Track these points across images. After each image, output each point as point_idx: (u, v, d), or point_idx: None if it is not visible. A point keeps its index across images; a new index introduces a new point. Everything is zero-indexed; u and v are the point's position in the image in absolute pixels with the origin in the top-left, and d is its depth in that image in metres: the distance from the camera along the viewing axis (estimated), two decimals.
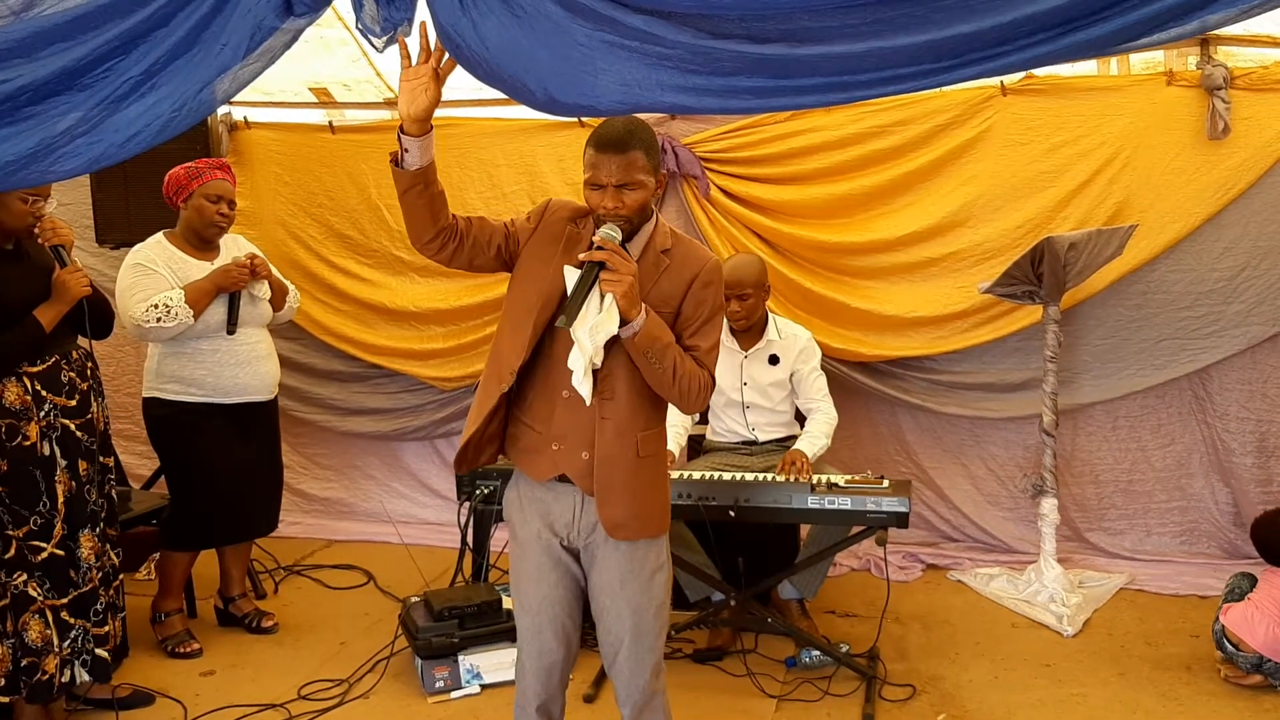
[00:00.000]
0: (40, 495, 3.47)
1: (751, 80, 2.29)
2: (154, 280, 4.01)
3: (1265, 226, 4.60)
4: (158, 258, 4.07)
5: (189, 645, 4.27)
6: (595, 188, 2.53)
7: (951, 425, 5.19)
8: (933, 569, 5.01)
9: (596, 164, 2.51)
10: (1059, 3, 2.05)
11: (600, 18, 2.31)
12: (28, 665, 3.46)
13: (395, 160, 2.51)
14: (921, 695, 3.78)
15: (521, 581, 2.76)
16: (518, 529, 2.77)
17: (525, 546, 2.74)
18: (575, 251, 2.58)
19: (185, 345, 4.09)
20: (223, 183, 4.15)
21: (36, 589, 3.47)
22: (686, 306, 2.65)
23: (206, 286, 4.07)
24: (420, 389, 5.72)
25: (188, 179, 4.09)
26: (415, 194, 2.52)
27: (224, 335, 4.14)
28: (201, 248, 4.18)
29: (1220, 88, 4.45)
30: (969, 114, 4.82)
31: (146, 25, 2.56)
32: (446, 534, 5.42)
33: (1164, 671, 3.87)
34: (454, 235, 2.62)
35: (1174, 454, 4.95)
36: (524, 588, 2.75)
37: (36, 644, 3.46)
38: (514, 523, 2.78)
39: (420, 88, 2.42)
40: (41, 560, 3.49)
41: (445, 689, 3.85)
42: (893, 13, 2.13)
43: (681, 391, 2.60)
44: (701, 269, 2.66)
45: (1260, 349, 4.72)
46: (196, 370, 4.11)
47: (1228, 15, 2.06)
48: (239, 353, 4.20)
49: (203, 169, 4.11)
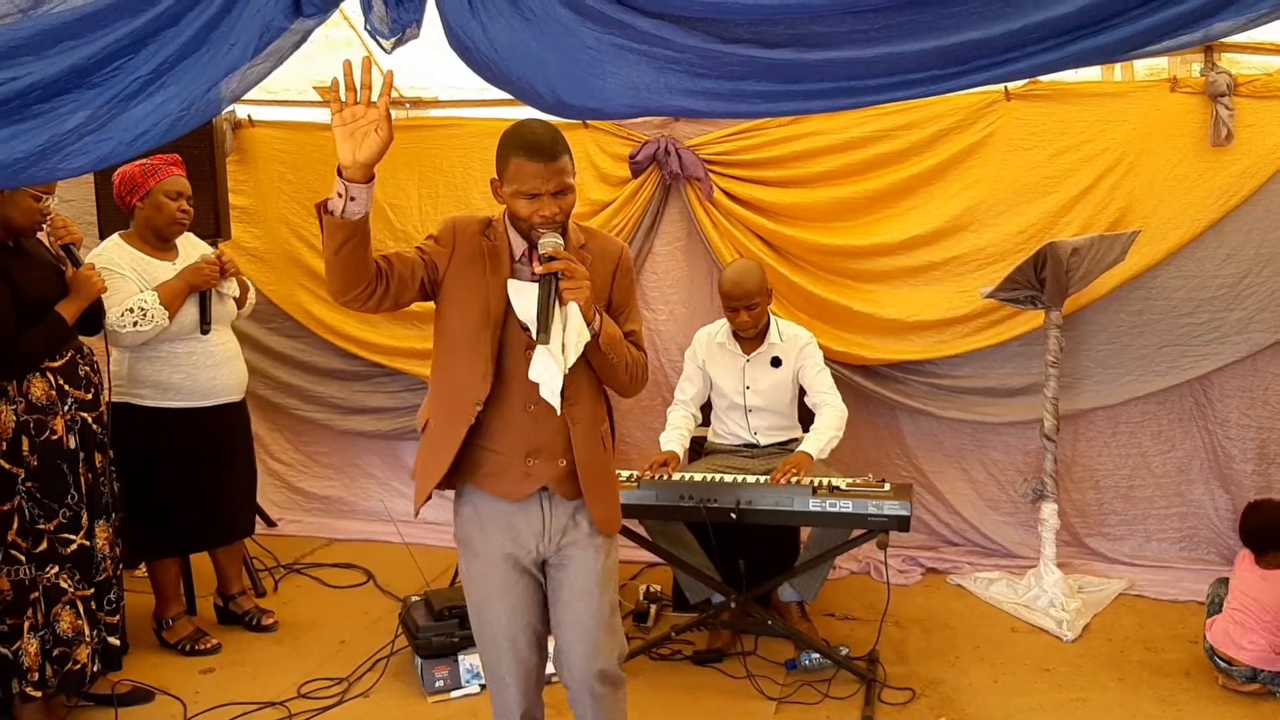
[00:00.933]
0: (69, 488, 3.54)
1: (760, 84, 2.29)
2: (123, 284, 3.94)
3: (1268, 234, 4.60)
4: (121, 260, 4.00)
5: (206, 642, 4.27)
6: (531, 197, 2.50)
7: (952, 429, 5.20)
8: (932, 573, 5.02)
9: (531, 173, 2.48)
10: (1068, 10, 2.05)
11: (610, 21, 2.31)
12: (59, 655, 3.51)
13: (327, 208, 2.32)
14: (921, 699, 3.78)
15: (488, 598, 2.71)
16: (477, 547, 2.70)
17: (489, 563, 2.69)
18: (500, 265, 2.58)
19: (158, 349, 4.05)
20: (180, 179, 4.10)
21: (68, 580, 3.55)
22: (615, 295, 2.70)
23: (179, 286, 4.03)
24: (422, 388, 5.71)
25: (144, 177, 4.00)
26: (351, 246, 2.36)
27: (197, 336, 4.11)
28: (161, 248, 4.12)
29: (1224, 95, 4.46)
30: (973, 118, 4.83)
31: (156, 24, 2.56)
32: (447, 533, 5.38)
33: (1163, 677, 3.88)
34: (380, 280, 2.49)
35: (1174, 460, 4.96)
36: (491, 604, 2.71)
37: (68, 634, 3.54)
38: (472, 540, 2.72)
39: (369, 128, 2.29)
40: (71, 552, 3.54)
41: (445, 688, 3.85)
42: (902, 19, 2.13)
43: (631, 377, 2.66)
44: (620, 255, 2.72)
45: (1261, 356, 4.72)
46: (173, 375, 4.07)
47: (1234, 24, 2.06)
48: (214, 353, 4.17)
49: (158, 165, 4.02)
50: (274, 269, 5.75)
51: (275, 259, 5.74)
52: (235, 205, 5.33)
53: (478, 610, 2.74)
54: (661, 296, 5.41)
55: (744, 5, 2.21)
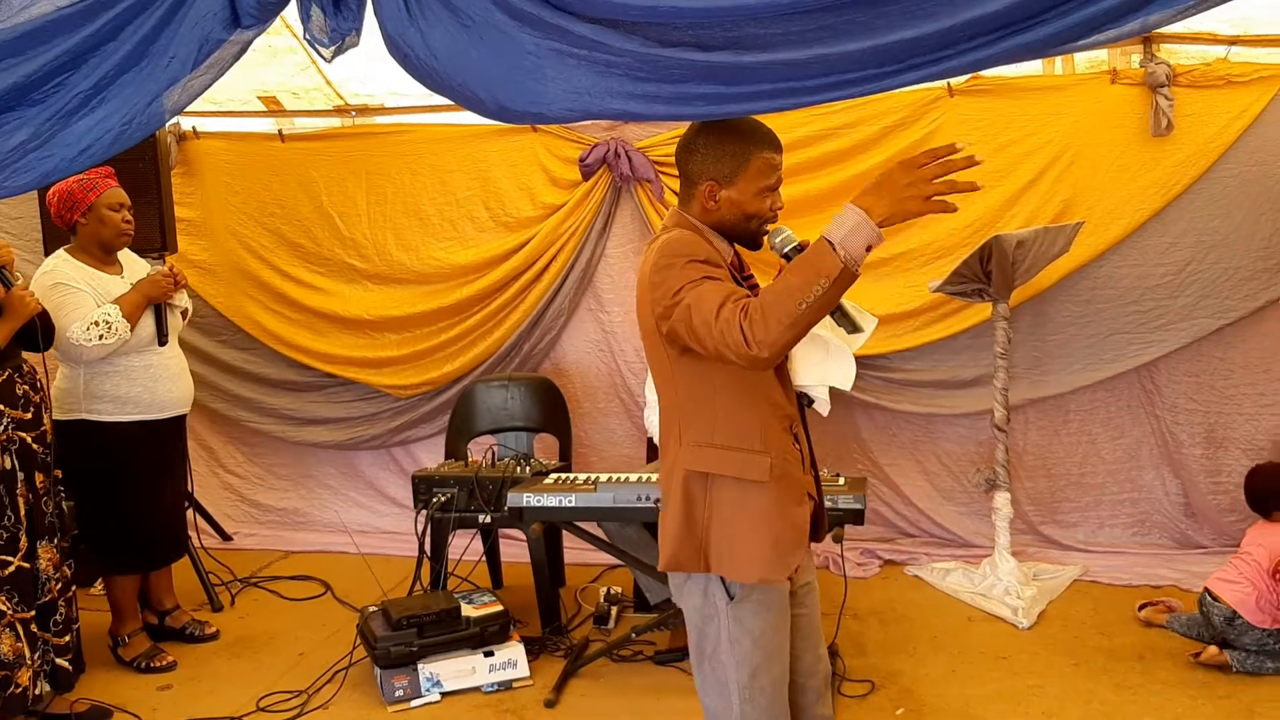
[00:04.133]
0: (4, 509, 3.47)
1: (700, 87, 2.31)
2: (81, 299, 3.93)
3: (1209, 222, 4.68)
4: (75, 276, 3.98)
5: (163, 658, 4.21)
6: (772, 190, 2.36)
7: (906, 422, 5.24)
8: (890, 565, 5.06)
9: (776, 165, 2.33)
10: (998, 7, 2.08)
11: (548, 26, 2.32)
12: (1, 679, 3.45)
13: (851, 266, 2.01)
14: (880, 690, 3.81)
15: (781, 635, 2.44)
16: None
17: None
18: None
19: (115, 363, 4.03)
20: (119, 190, 4.08)
21: (6, 603, 3.47)
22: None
23: (138, 299, 4.03)
24: (375, 397, 5.70)
25: (84, 192, 3.98)
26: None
27: (154, 349, 4.12)
28: (107, 261, 4.12)
29: (1163, 85, 4.53)
30: (917, 115, 4.88)
31: (95, 39, 2.56)
32: (404, 542, 5.41)
33: (1118, 661, 3.93)
34: None
35: (1124, 446, 5.03)
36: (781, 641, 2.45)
37: (9, 658, 3.47)
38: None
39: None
40: (9, 574, 3.48)
41: (405, 698, 3.83)
42: (836, 19, 2.16)
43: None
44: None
45: (1206, 341, 4.81)
46: (132, 388, 4.07)
47: (1165, 15, 2.10)
48: (169, 366, 4.19)
49: (95, 180, 4.00)
50: (222, 281, 5.70)
51: (223, 271, 5.69)
52: (181, 218, 5.28)
53: (770, 647, 2.44)
54: (616, 298, 5.42)
55: (681, 9, 2.23)
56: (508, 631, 4.00)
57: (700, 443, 2.34)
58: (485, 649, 3.92)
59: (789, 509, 2.35)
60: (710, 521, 2.32)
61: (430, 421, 5.68)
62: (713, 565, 2.33)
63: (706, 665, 2.39)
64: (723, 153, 2.30)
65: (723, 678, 2.36)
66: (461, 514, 4.30)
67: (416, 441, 5.78)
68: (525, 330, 5.42)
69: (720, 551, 2.31)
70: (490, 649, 3.92)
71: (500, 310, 5.44)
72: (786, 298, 2.03)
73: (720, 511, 2.32)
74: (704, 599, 2.37)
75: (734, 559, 2.30)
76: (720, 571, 2.32)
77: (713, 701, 2.41)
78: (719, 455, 2.32)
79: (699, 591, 2.38)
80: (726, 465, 2.32)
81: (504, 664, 3.92)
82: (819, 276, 2.00)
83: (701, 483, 2.34)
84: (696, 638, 2.42)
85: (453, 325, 5.52)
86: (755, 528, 2.30)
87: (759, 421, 2.33)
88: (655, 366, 2.44)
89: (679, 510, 2.35)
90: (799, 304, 2.01)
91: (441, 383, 5.58)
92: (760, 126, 2.34)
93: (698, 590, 2.38)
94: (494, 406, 5.16)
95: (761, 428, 2.33)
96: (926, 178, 2.00)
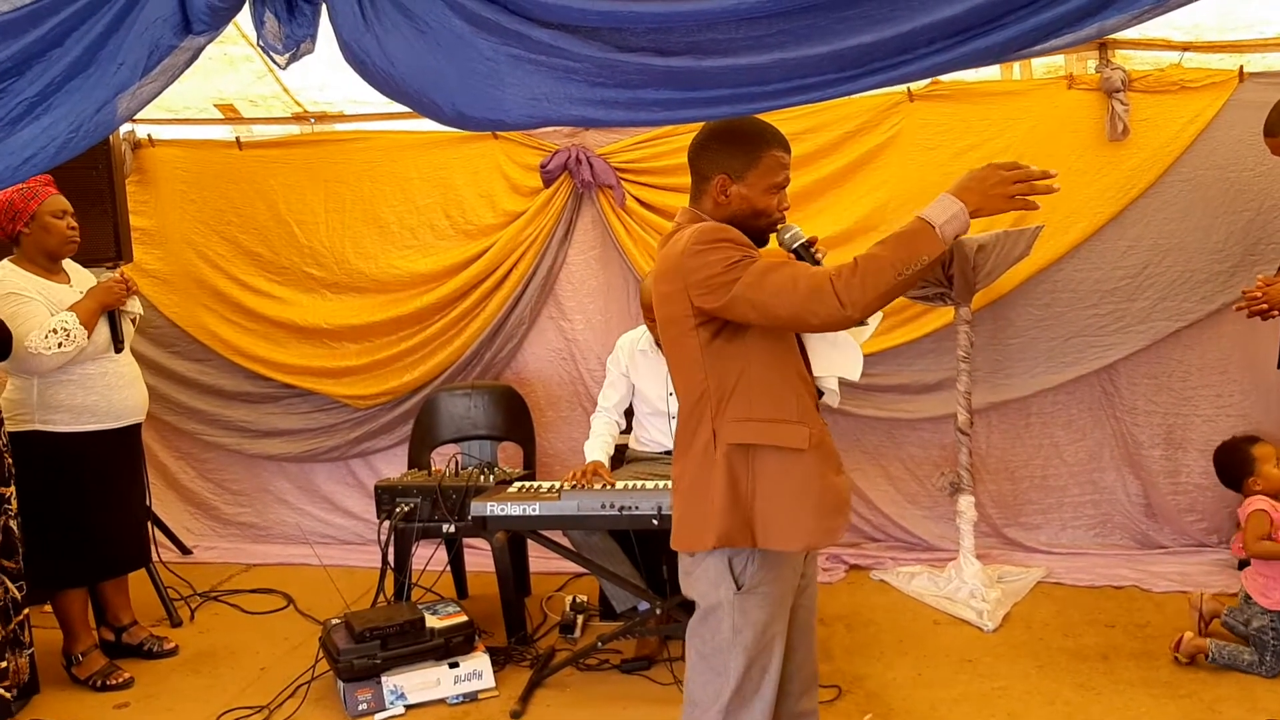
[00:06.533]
0: None
1: (659, 93, 2.30)
2: (35, 308, 3.88)
3: (1165, 225, 4.73)
4: (26, 285, 3.93)
5: (119, 676, 4.12)
6: (780, 188, 2.53)
7: (869, 427, 5.25)
8: (856, 569, 5.06)
9: (785, 164, 2.51)
10: (955, 12, 2.09)
11: (506, 32, 2.30)
12: None
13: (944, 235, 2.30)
14: (847, 695, 3.80)
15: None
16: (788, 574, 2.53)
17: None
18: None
19: (71, 372, 3.98)
20: (60, 197, 4.03)
21: None
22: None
23: (93, 306, 4.00)
24: (334, 408, 5.65)
25: (24, 201, 3.92)
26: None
27: (109, 357, 4.09)
28: (53, 270, 4.06)
29: (1119, 90, 4.58)
30: (878, 119, 4.90)
31: (41, 45, 2.52)
32: (366, 554, 5.36)
33: (1081, 662, 3.95)
34: None
35: (1086, 448, 5.07)
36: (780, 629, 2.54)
37: None
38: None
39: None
40: None
41: (369, 711, 3.79)
42: (795, 24, 2.16)
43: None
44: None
45: (1165, 344, 4.85)
46: (89, 396, 4.02)
47: (1121, 20, 2.12)
48: (125, 373, 4.16)
49: (36, 188, 3.95)
50: (177, 290, 5.63)
51: (179, 280, 5.62)
52: (136, 227, 5.22)
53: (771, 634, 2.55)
54: (578, 306, 5.40)
55: (639, 14, 2.22)
56: (473, 642, 3.96)
57: (740, 418, 2.43)
58: (450, 660, 3.88)
59: (829, 476, 2.47)
60: (755, 492, 2.41)
61: (390, 432, 5.63)
62: (759, 538, 2.41)
63: (707, 650, 2.47)
64: (735, 149, 2.45)
65: (719, 666, 2.44)
66: (425, 524, 4.25)
67: (376, 453, 5.73)
68: (486, 338, 5.39)
69: (766, 521, 2.40)
70: (455, 660, 3.88)
71: (461, 319, 5.40)
72: (888, 268, 2.25)
73: (764, 483, 2.41)
74: (712, 587, 2.46)
75: (780, 527, 2.40)
76: (767, 544, 2.41)
77: (699, 691, 2.49)
78: (759, 428, 2.42)
79: (708, 579, 2.46)
80: (768, 436, 2.42)
81: (469, 675, 3.88)
82: (920, 253, 2.25)
83: (744, 456, 2.42)
84: (698, 624, 2.49)
85: (413, 334, 5.48)
86: (799, 496, 2.41)
87: (793, 394, 2.47)
88: (680, 355, 2.52)
89: (723, 486, 2.41)
90: (897, 275, 2.24)
91: (401, 392, 5.53)
92: (771, 127, 2.49)
93: (706, 577, 2.47)
94: (457, 415, 5.12)
95: (796, 400, 2.46)
96: (1011, 180, 2.22)
